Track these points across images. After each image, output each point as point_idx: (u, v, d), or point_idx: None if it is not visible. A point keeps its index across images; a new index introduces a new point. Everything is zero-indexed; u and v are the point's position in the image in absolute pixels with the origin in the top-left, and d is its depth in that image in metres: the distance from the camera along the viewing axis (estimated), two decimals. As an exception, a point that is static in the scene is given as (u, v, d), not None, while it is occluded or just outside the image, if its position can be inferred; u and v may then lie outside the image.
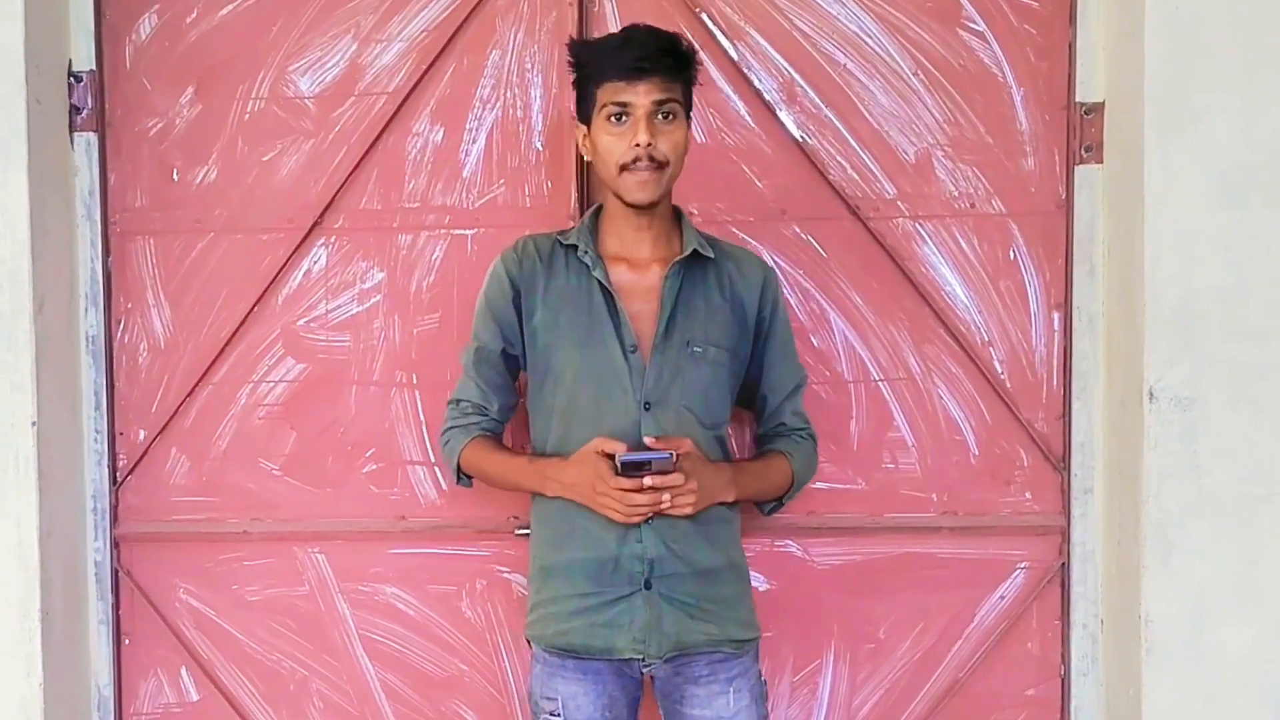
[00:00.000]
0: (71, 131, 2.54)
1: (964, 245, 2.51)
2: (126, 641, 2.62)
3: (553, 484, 2.11)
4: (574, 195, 2.50)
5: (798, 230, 2.51)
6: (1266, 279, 2.25)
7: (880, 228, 2.51)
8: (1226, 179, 2.26)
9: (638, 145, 2.03)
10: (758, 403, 2.28)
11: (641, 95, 2.02)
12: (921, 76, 2.50)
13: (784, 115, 2.50)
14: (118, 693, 2.62)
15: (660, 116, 2.04)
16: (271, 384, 2.58)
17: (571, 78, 2.14)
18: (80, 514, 2.57)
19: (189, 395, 2.58)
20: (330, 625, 2.59)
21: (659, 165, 2.05)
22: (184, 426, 2.59)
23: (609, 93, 2.04)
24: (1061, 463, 2.51)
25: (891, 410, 2.53)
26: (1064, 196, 2.49)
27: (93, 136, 2.55)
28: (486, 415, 2.24)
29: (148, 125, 2.57)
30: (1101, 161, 2.46)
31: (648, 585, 2.08)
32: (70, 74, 2.53)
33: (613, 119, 2.05)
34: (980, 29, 2.49)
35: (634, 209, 2.11)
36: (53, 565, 2.45)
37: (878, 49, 2.50)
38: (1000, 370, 2.51)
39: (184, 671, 2.62)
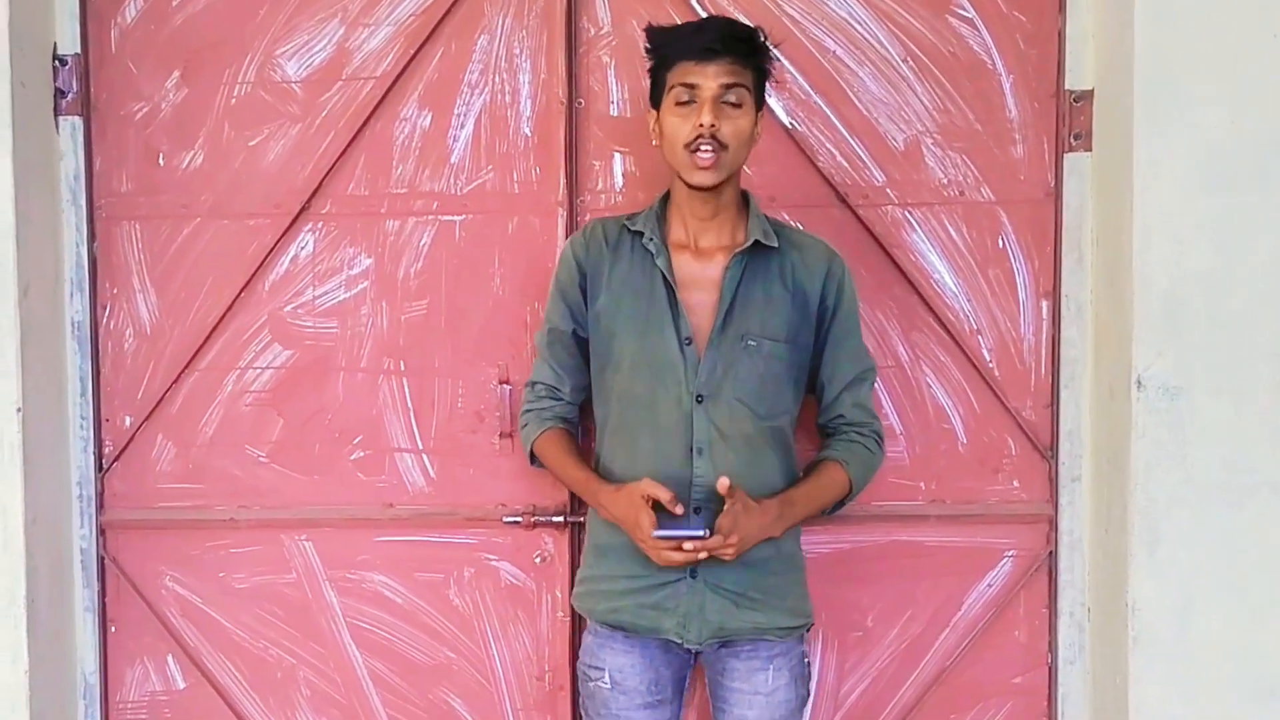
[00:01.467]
0: (56, 115, 2.52)
1: (953, 233, 2.50)
2: (112, 629, 2.61)
3: (603, 510, 2.15)
4: (562, 181, 2.49)
5: (786, 217, 2.49)
6: (1254, 267, 2.25)
7: (869, 215, 2.50)
8: (1215, 167, 2.26)
9: (701, 126, 2.03)
10: (818, 391, 2.27)
11: (710, 77, 2.04)
12: (911, 63, 2.49)
13: (773, 102, 2.49)
14: (103, 680, 2.61)
15: (727, 102, 2.05)
16: (258, 370, 2.57)
17: (648, 65, 2.15)
18: (66, 501, 2.56)
19: (175, 381, 2.57)
20: (318, 613, 2.58)
21: (721, 148, 2.05)
22: (170, 413, 2.58)
23: (679, 74, 2.06)
24: (1049, 451, 2.52)
25: (880, 398, 2.52)
26: (1053, 184, 2.49)
27: (78, 120, 2.53)
28: (560, 399, 2.27)
29: (133, 109, 2.55)
30: (1090, 149, 2.46)
31: (693, 574, 2.10)
32: (55, 57, 2.51)
33: (680, 103, 2.06)
34: (970, 16, 2.48)
35: (698, 193, 2.12)
36: (38, 552, 2.43)
37: (867, 35, 2.49)
38: (988, 358, 2.51)
39: (170, 659, 2.62)
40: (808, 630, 2.24)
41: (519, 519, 2.49)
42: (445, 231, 2.53)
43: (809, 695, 2.23)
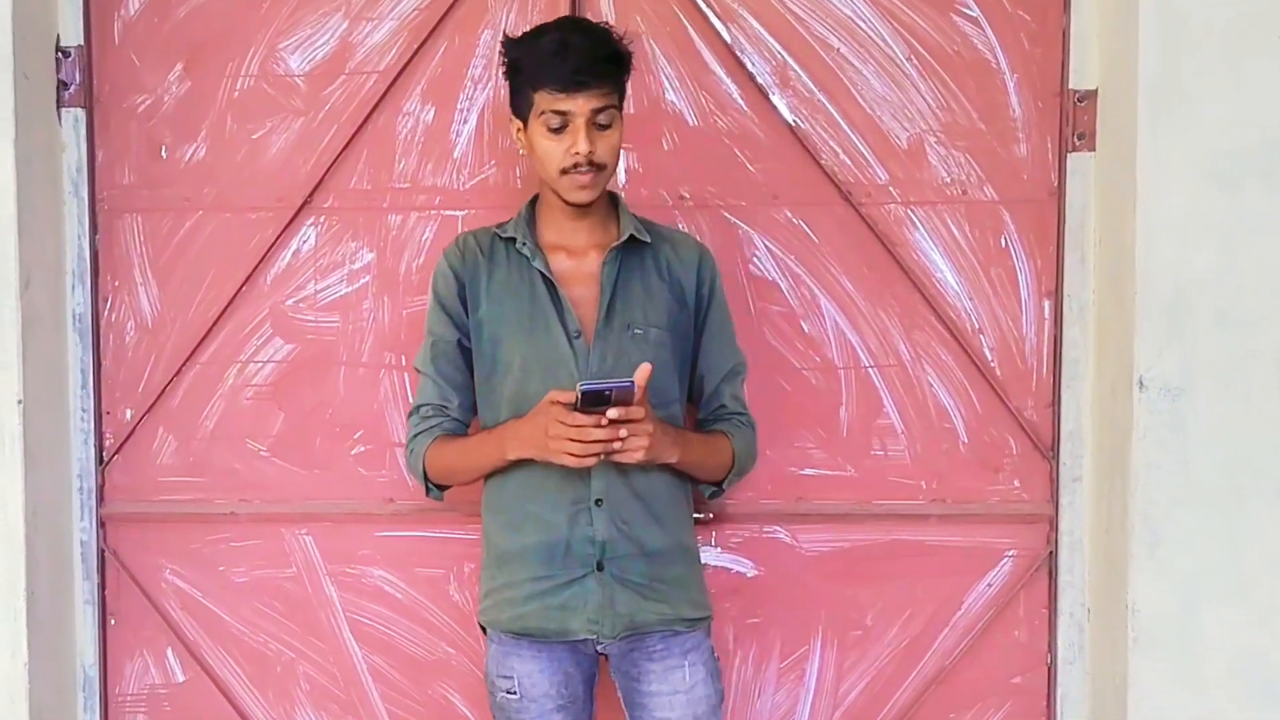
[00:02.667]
0: (59, 107, 2.52)
1: (955, 232, 2.50)
2: (112, 622, 2.61)
3: (510, 442, 2.08)
4: (565, 177, 2.49)
5: (789, 215, 2.50)
6: (1257, 267, 2.25)
7: (872, 213, 2.50)
8: (1218, 167, 2.25)
9: (578, 153, 2.04)
10: (695, 384, 2.27)
11: (580, 105, 2.03)
12: (915, 62, 2.49)
13: (777, 99, 2.49)
14: (103, 673, 2.62)
15: (597, 125, 2.06)
16: (260, 364, 2.57)
17: (503, 71, 2.14)
18: (66, 493, 2.56)
19: (176, 375, 2.57)
20: (317, 607, 2.58)
21: (598, 169, 2.07)
22: (171, 406, 2.58)
23: (547, 100, 2.04)
24: (1050, 451, 2.51)
25: (881, 397, 2.52)
26: (1056, 184, 2.48)
27: (80, 112, 2.53)
28: (447, 415, 2.22)
29: (136, 101, 2.55)
30: (1094, 149, 2.45)
31: (599, 567, 2.10)
32: (58, 49, 2.51)
33: (551, 129, 2.06)
34: (974, 15, 2.48)
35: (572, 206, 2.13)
36: (38, 545, 2.43)
37: (871, 33, 2.49)
38: (990, 358, 2.51)
39: (170, 652, 2.62)
40: (709, 624, 2.21)
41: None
42: (447, 226, 2.53)
43: (724, 693, 2.20)
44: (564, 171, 2.07)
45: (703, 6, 2.47)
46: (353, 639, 2.59)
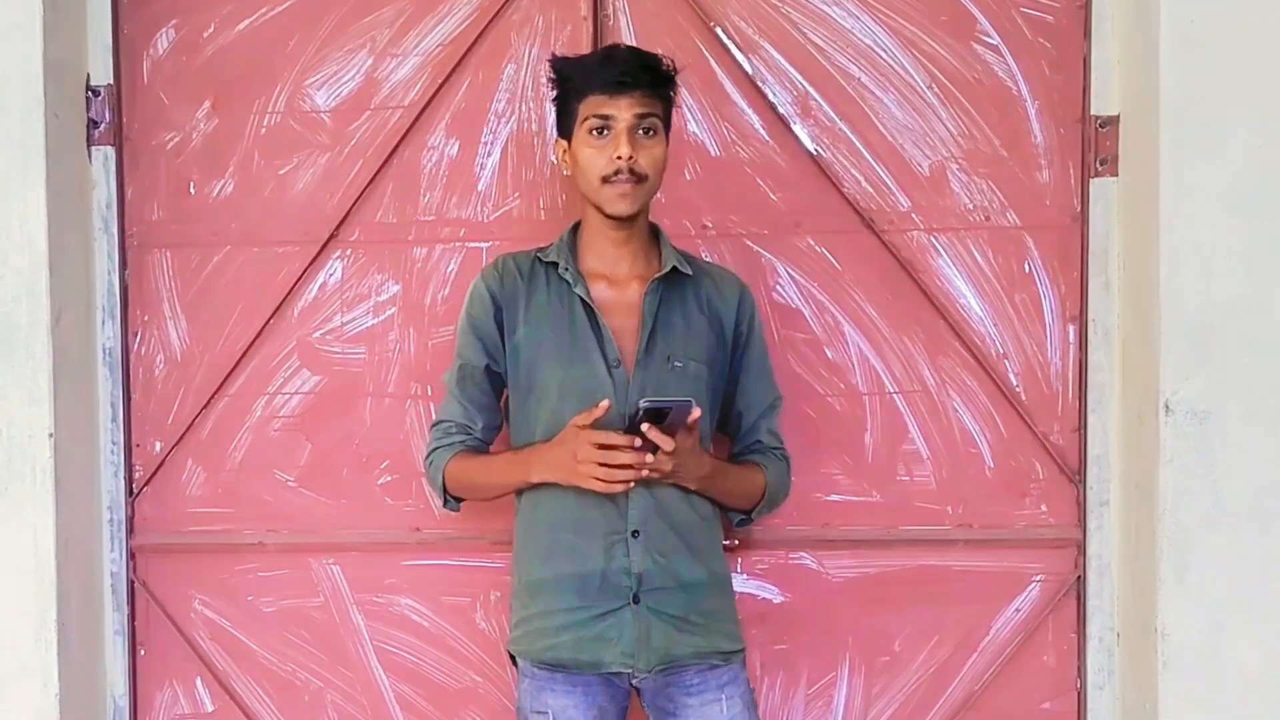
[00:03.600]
0: (89, 145, 2.55)
1: (979, 258, 2.51)
2: (142, 652, 2.63)
3: (537, 466, 2.10)
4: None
5: (812, 243, 2.51)
6: (1283, 291, 2.25)
7: (895, 240, 2.51)
8: (1241, 191, 2.25)
9: (619, 158, 2.05)
10: (732, 420, 2.28)
11: (623, 109, 2.05)
12: (936, 90, 2.50)
13: (798, 128, 2.51)
14: (133, 703, 2.63)
15: (641, 131, 2.07)
16: (287, 396, 2.59)
17: (553, 94, 2.17)
18: (96, 525, 2.58)
19: (205, 407, 2.59)
20: (345, 636, 2.60)
21: (639, 179, 2.07)
22: (200, 438, 2.60)
23: (591, 106, 2.07)
24: (1077, 475, 2.51)
25: (906, 423, 2.52)
26: (1079, 209, 2.49)
27: (110, 150, 2.56)
28: (470, 434, 2.23)
29: (165, 139, 2.58)
30: (1116, 174, 2.46)
31: (635, 599, 2.09)
32: (88, 88, 2.54)
33: (594, 132, 2.07)
34: (995, 42, 2.49)
35: (613, 222, 2.13)
36: (69, 576, 2.45)
37: (892, 62, 2.50)
38: (1015, 383, 2.51)
39: (199, 682, 2.63)
40: (745, 657, 2.21)
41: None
42: (472, 258, 2.55)
43: None
44: (605, 180, 2.07)
45: (724, 38, 2.49)
46: (380, 668, 2.60)
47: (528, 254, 2.25)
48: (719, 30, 2.50)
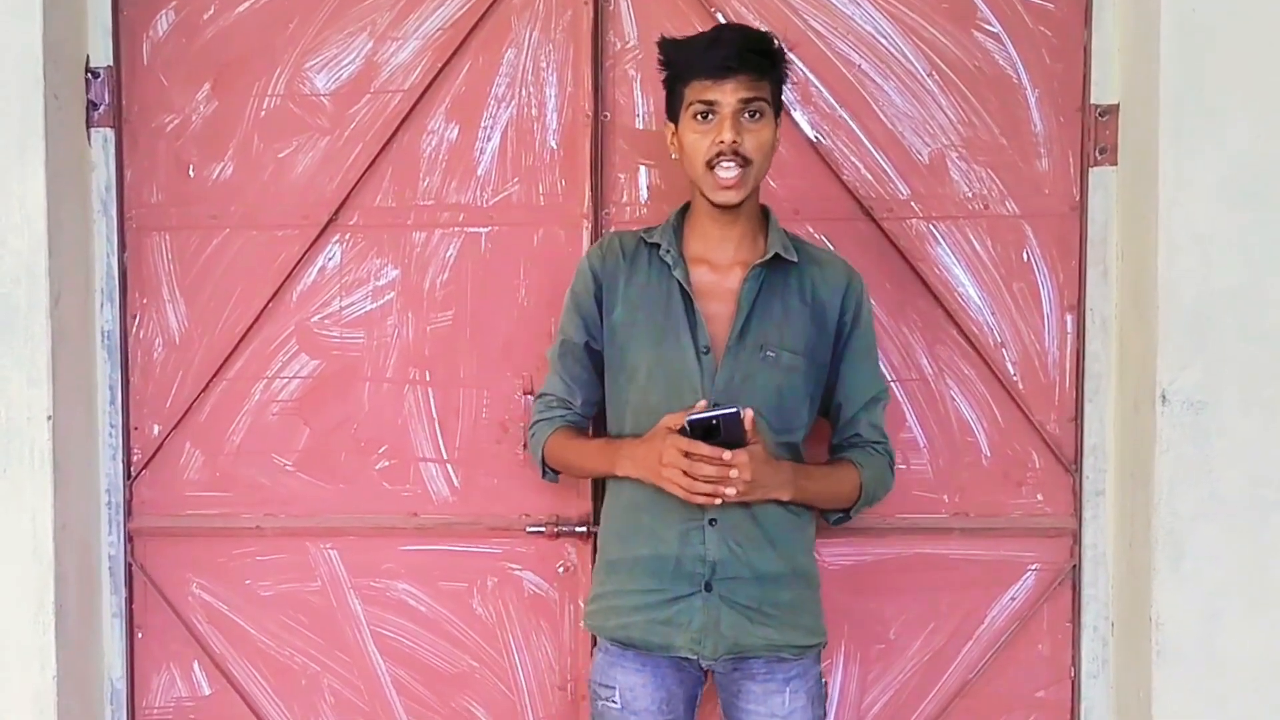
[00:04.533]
0: (88, 127, 2.55)
1: (977, 246, 2.51)
2: (139, 635, 2.64)
3: (624, 461, 2.11)
4: (588, 194, 2.50)
5: (811, 230, 2.51)
6: (1280, 281, 2.25)
7: (893, 228, 2.51)
8: (1241, 181, 2.25)
9: (721, 142, 2.03)
10: (832, 410, 2.25)
11: (728, 94, 2.03)
12: (936, 77, 2.50)
13: (798, 115, 2.51)
14: (130, 686, 2.64)
15: (747, 115, 2.04)
16: (285, 380, 2.59)
17: (662, 77, 2.14)
18: (94, 508, 2.59)
19: (203, 390, 2.59)
20: (342, 621, 2.60)
21: (744, 163, 2.04)
22: (198, 422, 2.60)
23: (696, 91, 2.05)
24: (1073, 465, 2.51)
25: (904, 411, 2.52)
26: (1078, 198, 2.49)
27: (109, 132, 2.56)
28: (571, 409, 2.25)
29: (164, 121, 2.58)
30: (1116, 163, 2.46)
31: (708, 587, 2.08)
32: (88, 70, 2.54)
33: (699, 117, 2.05)
34: (995, 30, 2.49)
35: (719, 207, 2.11)
36: (67, 559, 2.46)
37: (892, 50, 2.50)
38: (1013, 372, 2.51)
39: (196, 666, 2.64)
40: (822, 649, 2.21)
41: (542, 529, 2.50)
42: (471, 243, 2.55)
43: (825, 716, 2.20)
44: (709, 165, 2.04)
45: (723, 21, 2.48)
46: (377, 652, 2.60)
47: (634, 234, 2.24)
48: (720, 16, 2.49)
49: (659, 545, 2.10)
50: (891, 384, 2.51)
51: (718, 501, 2.00)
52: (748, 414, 1.96)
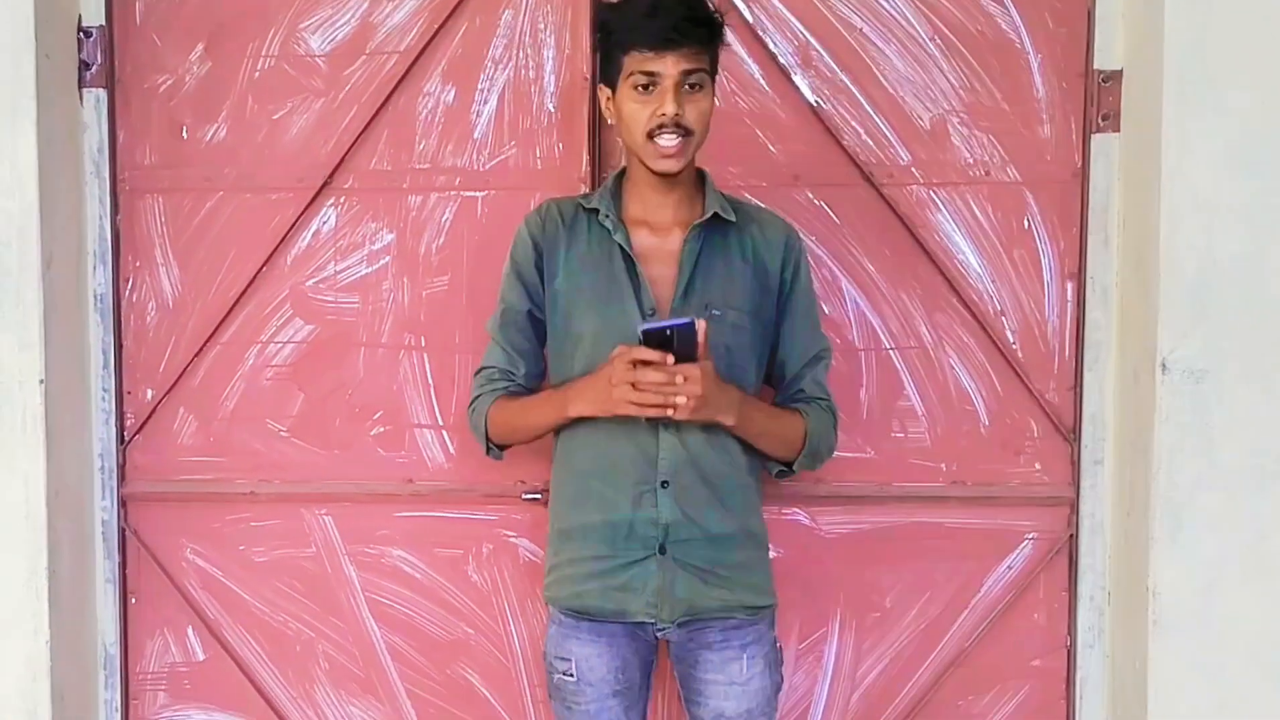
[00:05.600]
0: (81, 87, 2.52)
1: (978, 213, 2.49)
2: (133, 600, 2.63)
3: (574, 401, 2.08)
4: (585, 158, 2.48)
5: (811, 196, 2.49)
6: (1283, 250, 2.24)
7: (894, 195, 2.49)
8: (1244, 149, 2.24)
9: (664, 114, 2.01)
10: (775, 369, 2.23)
11: (670, 65, 2.00)
12: (938, 42, 2.47)
13: (799, 80, 2.48)
14: (124, 651, 2.64)
15: (688, 86, 2.02)
16: (280, 345, 2.57)
17: (596, 40, 2.11)
18: (88, 473, 2.58)
19: (197, 355, 2.58)
20: (337, 587, 2.60)
21: (685, 133, 2.03)
22: (192, 386, 2.59)
23: (636, 61, 2.02)
24: (1072, 434, 2.51)
25: (902, 379, 2.51)
26: (1080, 165, 2.47)
27: (102, 93, 2.53)
28: (513, 380, 2.22)
29: (157, 82, 2.55)
30: (1118, 130, 2.44)
31: (662, 550, 2.08)
32: (80, 29, 2.51)
33: (639, 88, 2.03)
34: (999, -6, 2.47)
35: (658, 175, 2.09)
36: (60, 524, 2.45)
37: (894, 14, 2.47)
38: (1012, 340, 2.50)
39: (190, 631, 2.63)
40: (774, 612, 2.20)
41: (538, 495, 2.49)
42: (467, 207, 2.53)
43: (782, 680, 2.20)
44: (650, 136, 2.02)
45: (724, -15, 2.46)
46: (372, 619, 2.60)
47: (572, 200, 2.22)
48: (719, -22, 2.47)
49: (611, 510, 2.09)
50: (890, 351, 2.51)
51: (669, 412, 1.96)
52: (701, 325, 1.95)
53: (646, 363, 1.94)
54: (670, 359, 1.94)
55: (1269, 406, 2.26)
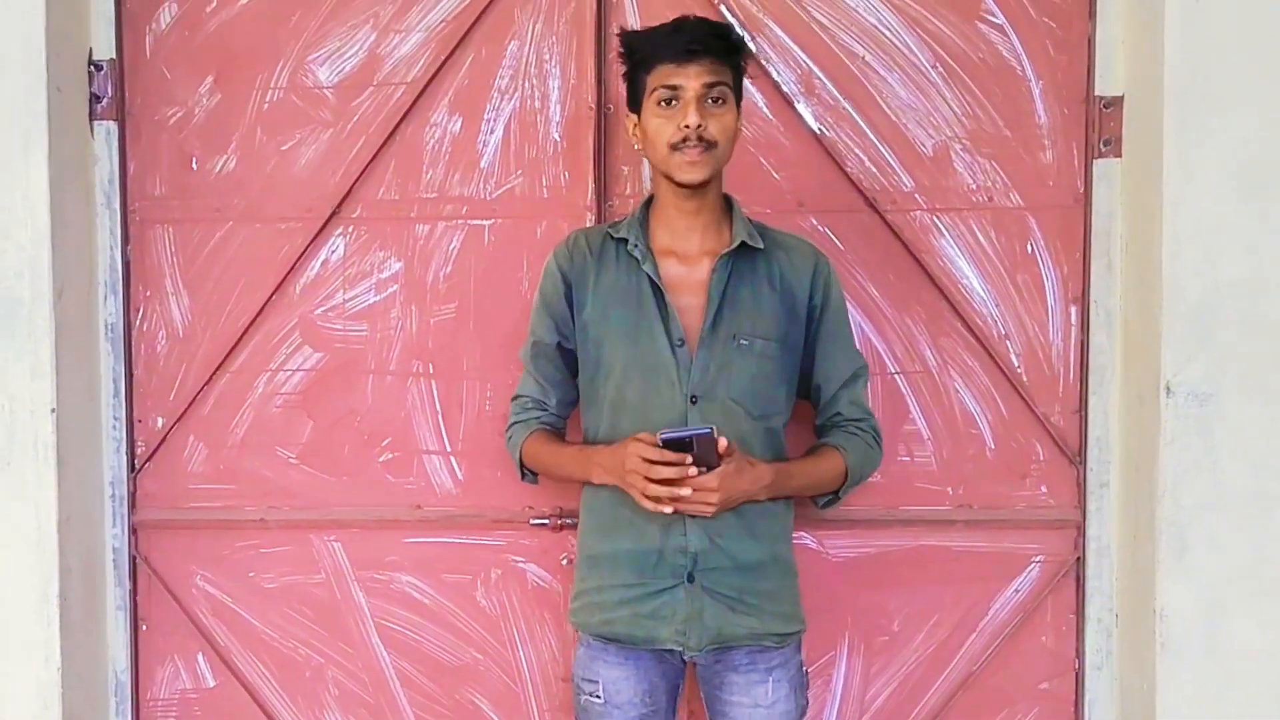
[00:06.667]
0: (91, 120, 2.55)
1: (981, 238, 2.50)
2: (144, 627, 2.64)
3: (596, 469, 2.12)
4: (591, 186, 2.50)
5: (815, 222, 2.51)
6: (1286, 274, 2.25)
7: (897, 220, 2.50)
8: (1246, 173, 2.25)
9: (686, 126, 2.02)
10: (813, 393, 2.25)
11: (692, 78, 2.02)
12: (940, 69, 2.49)
13: (802, 107, 2.50)
14: (134, 678, 2.64)
15: (710, 100, 2.04)
16: (289, 373, 2.59)
17: (623, 70, 2.13)
18: (99, 500, 2.59)
19: (207, 383, 2.59)
20: (346, 613, 2.60)
21: (708, 145, 2.04)
22: (202, 414, 2.60)
23: (659, 76, 2.04)
24: (1077, 457, 2.51)
25: (907, 403, 2.52)
26: (1082, 190, 2.48)
27: (112, 125, 2.56)
28: (546, 410, 2.26)
29: (167, 114, 2.58)
30: (1120, 155, 2.45)
31: (690, 579, 2.09)
32: (91, 62, 2.54)
33: (662, 103, 2.05)
34: (999, 22, 2.48)
35: (684, 193, 2.10)
36: (71, 551, 2.46)
37: (896, 42, 2.49)
38: (1017, 364, 2.51)
39: (200, 658, 2.64)
40: (802, 637, 2.21)
41: (546, 521, 2.51)
42: (474, 235, 2.55)
43: (807, 705, 2.21)
44: (674, 148, 2.04)
45: (728, 15, 2.48)
46: (381, 644, 2.61)
47: (600, 229, 2.24)
48: (723, 8, 2.49)
49: (640, 539, 2.10)
50: (895, 375, 2.52)
51: (668, 510, 2.00)
52: (722, 441, 1.98)
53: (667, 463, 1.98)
54: (689, 459, 1.97)
55: (1273, 428, 2.26)
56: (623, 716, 2.14)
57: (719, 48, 2.04)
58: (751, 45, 2.48)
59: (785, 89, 2.50)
